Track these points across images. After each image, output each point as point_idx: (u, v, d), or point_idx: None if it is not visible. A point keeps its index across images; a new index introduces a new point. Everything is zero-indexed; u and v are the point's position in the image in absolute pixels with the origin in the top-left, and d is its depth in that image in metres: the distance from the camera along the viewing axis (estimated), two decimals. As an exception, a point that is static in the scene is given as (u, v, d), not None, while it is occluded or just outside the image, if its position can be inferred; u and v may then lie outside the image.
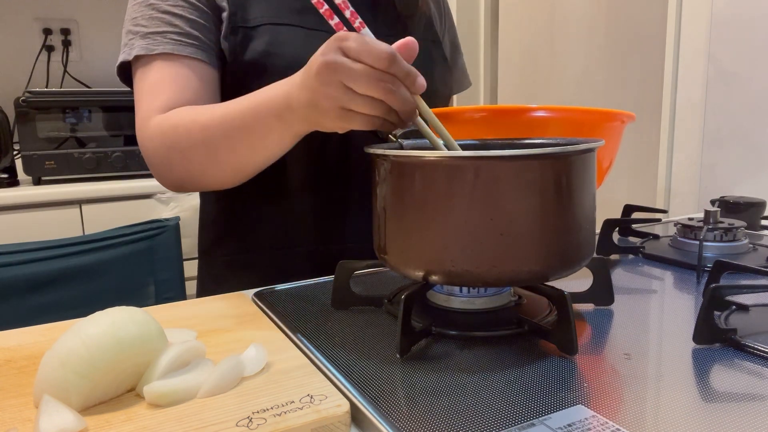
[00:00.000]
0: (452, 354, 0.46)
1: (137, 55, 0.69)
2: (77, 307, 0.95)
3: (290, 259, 0.77)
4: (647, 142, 1.42)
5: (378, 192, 0.51)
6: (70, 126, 1.64)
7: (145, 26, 0.69)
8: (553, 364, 0.44)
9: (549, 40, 1.81)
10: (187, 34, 0.69)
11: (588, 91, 1.69)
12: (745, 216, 0.88)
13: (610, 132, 0.72)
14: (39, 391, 0.38)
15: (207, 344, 0.45)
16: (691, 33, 1.28)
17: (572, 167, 0.47)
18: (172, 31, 0.68)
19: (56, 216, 1.53)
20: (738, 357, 0.45)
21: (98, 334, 0.39)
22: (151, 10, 0.69)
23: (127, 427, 0.36)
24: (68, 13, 2.02)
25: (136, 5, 0.71)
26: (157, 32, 0.69)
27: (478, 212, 0.45)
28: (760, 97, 1.18)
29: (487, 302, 0.54)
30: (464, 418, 0.36)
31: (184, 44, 0.69)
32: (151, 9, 0.69)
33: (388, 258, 0.51)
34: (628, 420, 0.36)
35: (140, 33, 0.69)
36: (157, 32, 0.69)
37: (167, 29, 0.69)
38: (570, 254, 0.48)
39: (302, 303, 0.60)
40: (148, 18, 0.69)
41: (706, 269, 0.65)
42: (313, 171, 0.76)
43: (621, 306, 0.57)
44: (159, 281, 1.04)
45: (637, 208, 0.88)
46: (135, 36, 0.70)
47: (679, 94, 1.32)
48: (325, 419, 0.37)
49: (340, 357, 0.46)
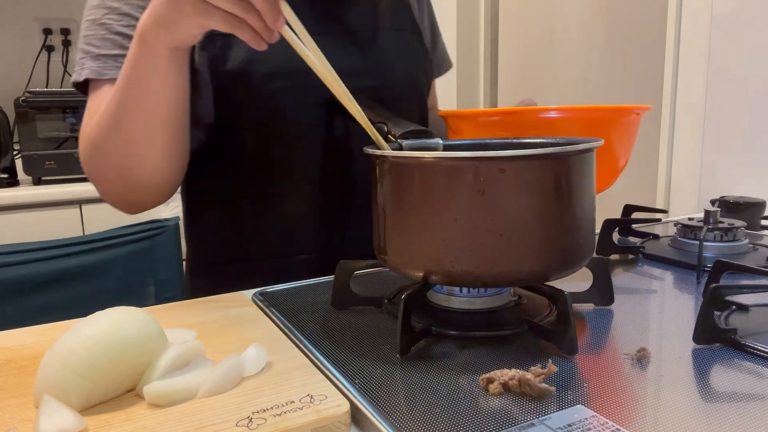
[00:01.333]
0: (452, 354, 0.46)
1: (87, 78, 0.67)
2: (77, 307, 0.95)
3: (287, 269, 0.75)
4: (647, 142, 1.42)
5: (377, 192, 0.51)
6: (70, 126, 1.64)
7: (97, 47, 0.67)
8: (553, 364, 0.44)
9: (549, 40, 1.81)
10: None
11: (588, 91, 1.69)
12: (745, 216, 0.88)
13: (626, 126, 0.72)
14: (39, 391, 0.38)
15: (207, 344, 0.45)
16: (691, 33, 1.28)
17: (572, 167, 0.47)
18: (124, 54, 0.63)
19: (56, 216, 1.53)
20: (738, 357, 0.45)
21: (98, 334, 0.39)
22: (104, 30, 0.67)
23: (127, 427, 0.36)
24: (68, 13, 2.02)
25: (89, 23, 0.68)
26: (109, 55, 0.66)
27: (478, 213, 0.45)
28: (760, 97, 1.18)
29: (487, 302, 0.54)
30: (464, 418, 0.36)
31: None
32: (104, 29, 0.67)
33: (388, 258, 0.51)
34: (628, 420, 0.36)
35: (91, 54, 0.67)
36: (109, 55, 0.66)
37: (119, 52, 0.66)
38: (570, 254, 0.48)
39: (302, 303, 0.60)
40: (100, 39, 0.67)
41: (706, 269, 0.65)
42: (310, 180, 0.74)
43: (621, 306, 0.57)
44: (159, 281, 1.04)
45: (637, 208, 0.88)
46: (86, 56, 0.67)
47: (679, 94, 1.32)
48: (325, 419, 0.37)
49: (340, 357, 0.46)
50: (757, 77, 1.18)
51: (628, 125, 0.72)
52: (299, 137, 0.72)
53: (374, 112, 0.64)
